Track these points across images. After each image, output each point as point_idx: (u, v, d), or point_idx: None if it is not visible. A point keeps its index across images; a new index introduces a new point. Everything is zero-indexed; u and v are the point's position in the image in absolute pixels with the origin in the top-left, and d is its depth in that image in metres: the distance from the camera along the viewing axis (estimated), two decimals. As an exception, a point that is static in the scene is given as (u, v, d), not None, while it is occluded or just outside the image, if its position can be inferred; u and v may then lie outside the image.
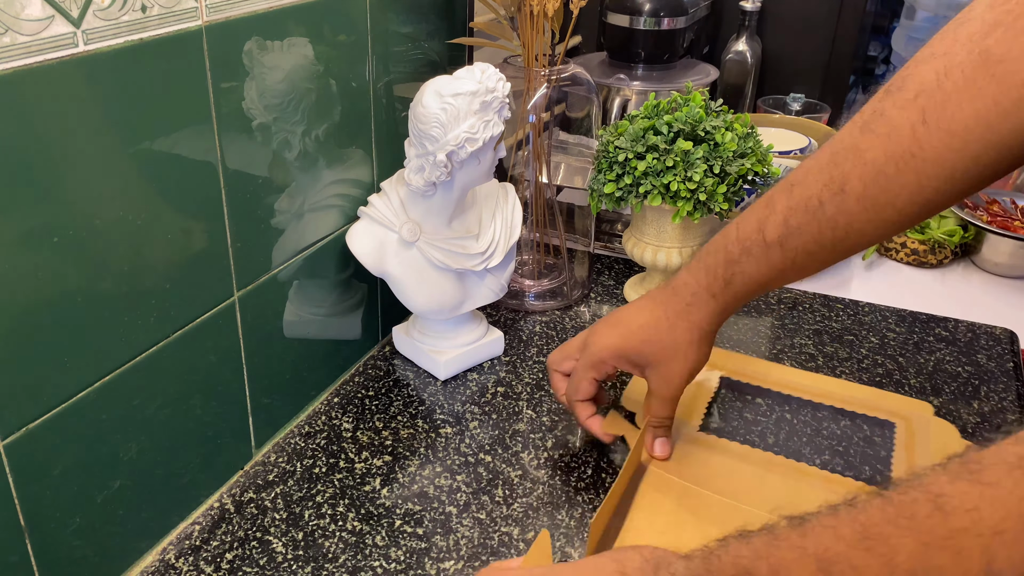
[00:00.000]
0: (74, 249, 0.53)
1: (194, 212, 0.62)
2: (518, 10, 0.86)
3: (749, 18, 1.36)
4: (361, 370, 0.87)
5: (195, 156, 0.61)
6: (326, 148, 0.75)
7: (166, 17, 0.55)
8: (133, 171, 0.56)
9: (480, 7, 0.93)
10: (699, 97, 0.92)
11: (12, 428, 0.51)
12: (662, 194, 0.88)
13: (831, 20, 1.37)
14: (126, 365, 0.58)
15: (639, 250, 0.96)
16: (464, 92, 0.72)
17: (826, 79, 1.41)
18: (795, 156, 1.18)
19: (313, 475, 0.73)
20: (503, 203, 0.86)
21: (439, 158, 0.74)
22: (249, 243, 0.68)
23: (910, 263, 1.13)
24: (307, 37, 0.70)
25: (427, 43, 0.89)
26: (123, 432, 0.59)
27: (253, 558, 0.64)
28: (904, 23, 1.50)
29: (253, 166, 0.67)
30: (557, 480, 0.72)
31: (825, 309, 0.99)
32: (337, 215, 0.80)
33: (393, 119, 0.85)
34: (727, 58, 1.38)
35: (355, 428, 0.78)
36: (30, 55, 0.47)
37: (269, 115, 0.67)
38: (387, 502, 0.70)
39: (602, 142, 0.93)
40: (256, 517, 0.68)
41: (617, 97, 1.16)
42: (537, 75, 0.89)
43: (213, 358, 0.67)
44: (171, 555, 0.65)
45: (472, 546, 0.66)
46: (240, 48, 0.63)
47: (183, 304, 0.62)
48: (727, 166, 0.88)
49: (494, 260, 0.84)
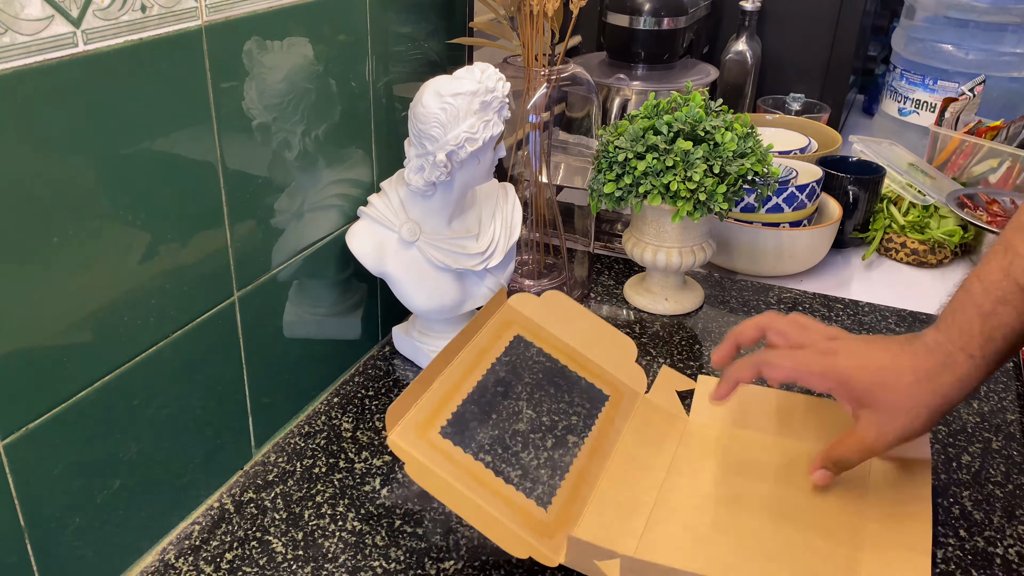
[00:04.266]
0: (74, 249, 0.53)
1: (194, 212, 0.62)
2: (518, 10, 0.86)
3: (749, 18, 1.36)
4: (361, 370, 0.87)
5: (195, 156, 0.61)
6: (326, 148, 0.75)
7: (166, 17, 0.55)
8: (133, 171, 0.56)
9: (480, 7, 0.93)
10: (699, 97, 0.92)
11: (12, 428, 0.51)
12: (662, 194, 0.88)
13: (831, 20, 1.37)
14: (126, 365, 0.58)
15: (639, 250, 0.96)
16: (464, 92, 0.72)
17: (826, 79, 1.41)
18: (795, 156, 1.19)
19: (313, 475, 0.73)
20: (503, 203, 0.86)
21: (439, 158, 0.74)
22: (249, 243, 0.68)
23: (910, 263, 1.13)
24: (307, 37, 0.70)
25: (427, 43, 0.89)
26: (123, 432, 0.59)
27: (253, 558, 0.64)
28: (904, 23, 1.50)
29: (253, 166, 0.67)
30: (557, 480, 0.72)
31: (825, 309, 0.99)
32: (337, 215, 0.80)
33: (393, 119, 0.85)
34: (727, 58, 1.38)
35: (355, 428, 0.78)
36: (30, 55, 0.47)
37: (269, 115, 0.67)
38: (387, 502, 0.70)
39: (602, 142, 0.93)
40: (256, 517, 0.68)
41: (617, 97, 1.16)
42: (537, 75, 0.89)
43: (213, 358, 0.67)
44: (171, 555, 0.65)
45: (472, 546, 0.66)
46: (240, 48, 0.63)
47: (183, 304, 0.62)
48: (727, 166, 0.88)
49: (494, 260, 0.84)
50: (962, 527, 0.68)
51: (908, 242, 1.12)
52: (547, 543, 0.60)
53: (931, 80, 1.43)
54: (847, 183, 1.12)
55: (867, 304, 1.01)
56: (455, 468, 0.62)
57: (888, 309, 1.00)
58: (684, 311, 0.98)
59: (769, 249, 1.05)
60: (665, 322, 0.97)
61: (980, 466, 0.75)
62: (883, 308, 1.00)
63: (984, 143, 1.21)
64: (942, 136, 1.25)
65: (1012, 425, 0.80)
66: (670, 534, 0.64)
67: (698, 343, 0.93)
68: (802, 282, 1.07)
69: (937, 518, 0.68)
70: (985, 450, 0.77)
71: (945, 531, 0.68)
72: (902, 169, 1.18)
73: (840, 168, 1.15)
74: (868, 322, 0.97)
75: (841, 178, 1.12)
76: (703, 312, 0.99)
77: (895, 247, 1.13)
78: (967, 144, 1.22)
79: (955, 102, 1.27)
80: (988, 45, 1.40)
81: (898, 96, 1.49)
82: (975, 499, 0.71)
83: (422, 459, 0.61)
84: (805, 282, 1.07)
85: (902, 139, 1.37)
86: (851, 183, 1.12)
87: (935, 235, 1.11)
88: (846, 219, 1.13)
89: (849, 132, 1.42)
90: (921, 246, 1.12)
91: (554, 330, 0.78)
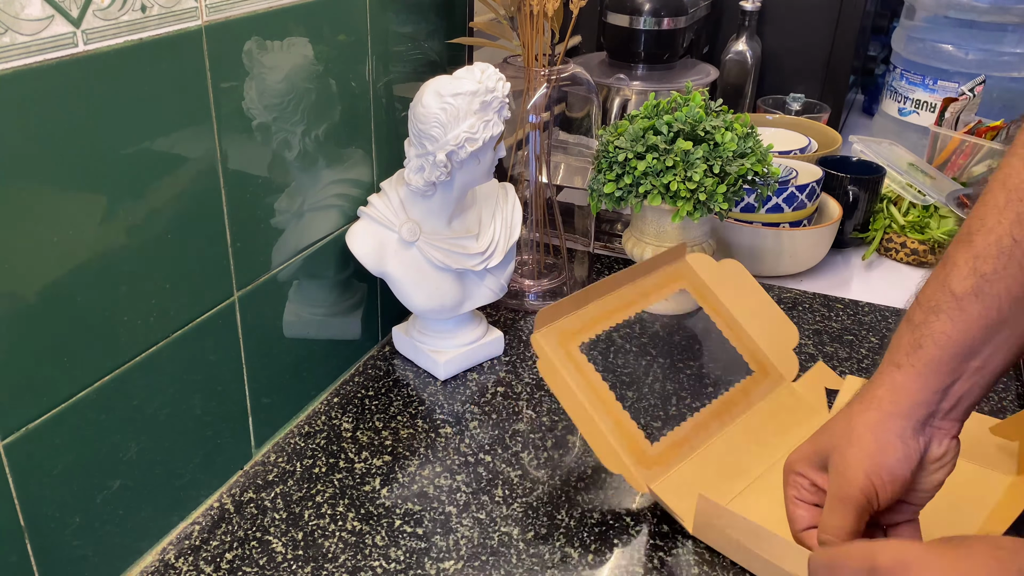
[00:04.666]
0: (74, 249, 0.53)
1: (194, 212, 0.62)
2: (518, 10, 0.86)
3: (749, 18, 1.36)
4: (361, 370, 0.87)
5: (195, 156, 0.61)
6: (326, 148, 0.75)
7: (166, 17, 0.55)
8: (133, 171, 0.56)
9: (480, 7, 0.93)
10: (699, 97, 0.92)
11: (12, 428, 0.51)
12: (662, 194, 0.88)
13: (831, 20, 1.37)
14: (126, 365, 0.58)
15: (639, 250, 0.96)
16: (464, 92, 0.72)
17: (826, 79, 1.41)
18: (795, 156, 1.19)
19: (313, 475, 0.73)
20: (503, 203, 0.86)
21: (439, 158, 0.74)
22: (249, 243, 0.68)
23: (910, 263, 1.13)
24: (307, 37, 0.70)
25: (427, 43, 0.89)
26: (123, 432, 0.59)
27: (253, 558, 0.64)
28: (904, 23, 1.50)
29: (253, 166, 0.67)
30: (557, 480, 0.72)
31: (825, 309, 0.99)
32: (337, 215, 0.80)
33: (393, 119, 0.85)
34: (727, 58, 1.38)
35: (355, 428, 0.78)
36: (30, 55, 0.47)
37: (269, 115, 0.67)
38: (387, 502, 0.70)
39: (602, 142, 0.93)
40: (256, 517, 0.68)
41: (617, 97, 1.16)
42: (537, 75, 0.89)
43: (213, 358, 0.67)
44: (171, 555, 0.65)
45: (472, 546, 0.66)
46: (240, 48, 0.63)
47: (183, 304, 0.62)
48: (727, 166, 0.88)
49: (494, 260, 0.84)
50: (962, 527, 0.68)
51: (908, 242, 1.12)
52: (641, 470, 0.65)
53: (931, 80, 1.43)
54: (847, 183, 1.12)
55: (867, 304, 1.01)
56: (582, 379, 0.66)
57: (888, 309, 1.00)
58: (684, 311, 0.98)
59: (769, 249, 1.05)
60: (665, 322, 0.97)
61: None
62: (883, 308, 1.00)
63: (984, 143, 1.21)
64: (942, 136, 1.25)
65: (1012, 425, 0.80)
66: (762, 505, 0.65)
67: (698, 343, 0.93)
68: (802, 282, 1.07)
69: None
70: (985, 450, 0.77)
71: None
72: (902, 169, 1.18)
73: (840, 168, 1.15)
74: (868, 322, 0.97)
75: (841, 178, 1.12)
76: (703, 312, 0.99)
77: (895, 247, 1.13)
78: (967, 144, 1.22)
79: (955, 102, 1.27)
80: (988, 45, 1.40)
81: (898, 96, 1.49)
82: (975, 499, 0.71)
83: (556, 362, 0.65)
84: (805, 282, 1.07)
85: (902, 139, 1.36)
86: (851, 183, 1.12)
87: (935, 235, 1.11)
88: (846, 219, 1.13)
89: (849, 132, 1.42)
90: (921, 246, 1.12)
91: (723, 297, 0.79)
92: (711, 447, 0.69)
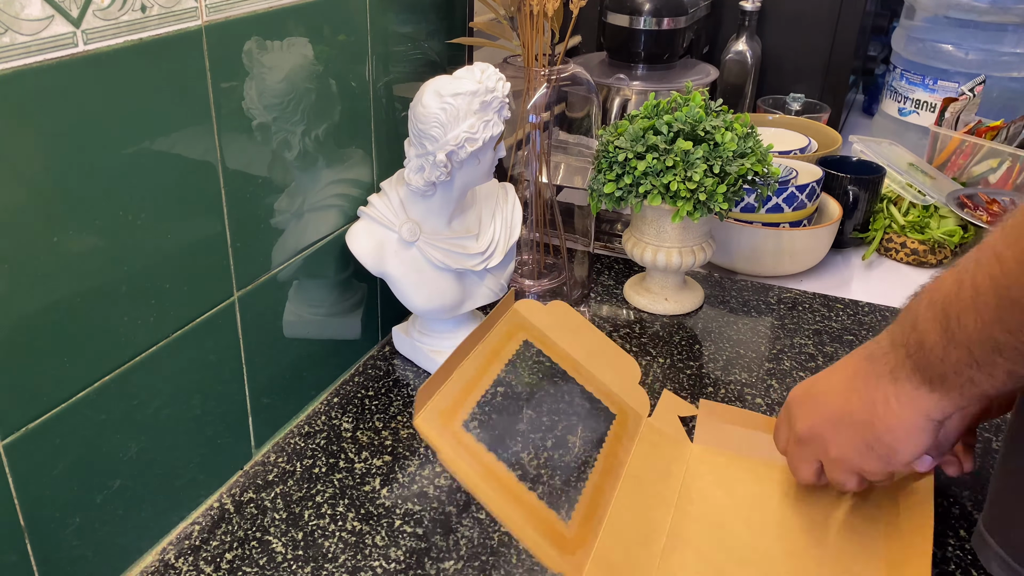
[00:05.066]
0: (74, 249, 0.53)
1: (194, 212, 0.62)
2: (518, 10, 0.86)
3: (749, 18, 1.36)
4: (361, 370, 0.87)
5: (195, 156, 0.61)
6: (326, 148, 0.75)
7: (166, 17, 0.55)
8: (133, 171, 0.56)
9: (480, 7, 0.93)
10: (699, 97, 0.92)
11: (12, 428, 0.51)
12: (662, 194, 0.88)
13: (831, 20, 1.37)
14: (126, 365, 0.58)
15: (639, 250, 0.96)
16: (464, 92, 0.72)
17: (826, 79, 1.41)
18: (795, 156, 1.19)
19: (313, 475, 0.73)
20: (503, 203, 0.86)
21: (439, 158, 0.74)
22: (249, 243, 0.68)
23: (910, 263, 1.13)
24: (307, 37, 0.70)
25: (427, 43, 0.89)
26: (123, 432, 0.59)
27: (253, 558, 0.64)
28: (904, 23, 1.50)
29: (253, 166, 0.67)
30: (557, 480, 0.72)
31: (825, 309, 0.99)
32: (337, 215, 0.80)
33: (393, 119, 0.85)
34: (727, 58, 1.38)
35: (355, 428, 0.78)
36: (30, 55, 0.47)
37: (269, 115, 0.67)
38: (387, 502, 0.70)
39: (602, 142, 0.93)
40: (256, 517, 0.68)
41: (617, 97, 1.16)
42: (537, 75, 0.89)
43: (213, 358, 0.67)
44: (171, 555, 0.65)
45: (472, 546, 0.66)
46: (240, 48, 0.63)
47: (183, 304, 0.62)
48: (727, 166, 0.88)
49: (494, 260, 0.84)
50: (962, 527, 0.68)
51: (908, 242, 1.12)
52: (569, 560, 0.60)
53: (931, 80, 1.43)
54: (847, 183, 1.12)
55: (867, 304, 1.01)
56: (478, 465, 0.62)
57: (888, 309, 1.00)
58: (684, 311, 0.98)
59: (769, 249, 1.05)
60: (665, 322, 0.97)
61: (980, 466, 0.74)
62: (883, 308, 1.00)
63: (984, 143, 1.21)
64: (942, 136, 1.25)
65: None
66: (687, 565, 0.63)
67: (698, 343, 0.93)
68: (802, 282, 1.07)
69: (937, 518, 0.68)
70: (985, 450, 0.77)
71: (945, 531, 0.68)
72: (902, 169, 1.18)
73: (840, 168, 1.15)
74: (868, 322, 0.97)
75: (841, 178, 1.12)
76: (703, 312, 0.99)
77: (895, 247, 1.13)
78: (967, 144, 1.22)
79: (955, 102, 1.27)
80: (988, 45, 1.40)
81: (898, 96, 1.49)
82: (975, 499, 0.71)
83: (449, 450, 0.61)
84: (805, 282, 1.07)
85: (902, 139, 1.37)
86: (851, 183, 1.12)
87: (935, 235, 1.11)
88: (846, 219, 1.13)
89: (849, 132, 1.42)
90: (921, 246, 1.12)
91: (560, 341, 0.76)
92: (617, 515, 0.66)
